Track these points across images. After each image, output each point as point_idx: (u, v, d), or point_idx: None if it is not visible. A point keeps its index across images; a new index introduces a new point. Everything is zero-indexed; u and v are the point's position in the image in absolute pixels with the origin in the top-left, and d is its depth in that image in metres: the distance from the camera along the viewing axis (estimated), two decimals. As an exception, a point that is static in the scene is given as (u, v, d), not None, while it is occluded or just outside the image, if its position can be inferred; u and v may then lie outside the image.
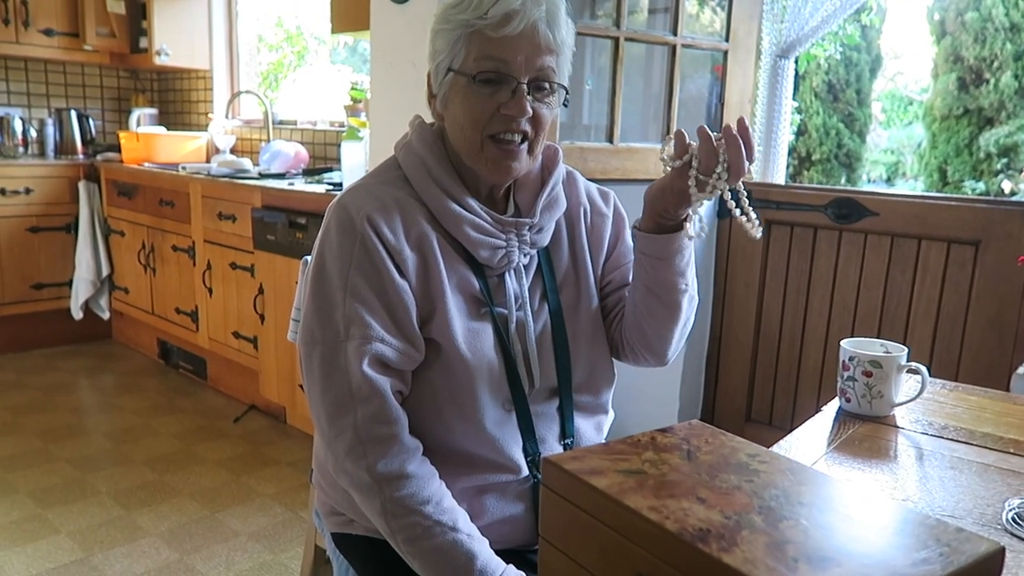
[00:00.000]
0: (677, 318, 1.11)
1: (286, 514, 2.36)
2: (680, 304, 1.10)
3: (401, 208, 1.02)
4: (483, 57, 0.98)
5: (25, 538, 2.18)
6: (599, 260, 1.17)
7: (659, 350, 1.15)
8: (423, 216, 1.03)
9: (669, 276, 1.06)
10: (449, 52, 1.01)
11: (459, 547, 0.95)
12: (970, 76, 5.81)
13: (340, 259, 0.99)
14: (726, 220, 2.58)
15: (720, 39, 2.42)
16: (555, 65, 1.01)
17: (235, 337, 3.12)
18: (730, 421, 2.66)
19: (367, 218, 0.99)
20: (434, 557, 0.95)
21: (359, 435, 0.96)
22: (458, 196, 1.04)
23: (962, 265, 2.14)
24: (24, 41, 3.83)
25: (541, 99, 1.01)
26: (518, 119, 0.99)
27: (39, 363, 3.75)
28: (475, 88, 0.99)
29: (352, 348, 0.97)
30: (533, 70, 0.99)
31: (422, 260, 1.01)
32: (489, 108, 0.99)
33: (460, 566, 0.94)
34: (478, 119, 1.00)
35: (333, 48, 4.60)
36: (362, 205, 1.01)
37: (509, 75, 0.98)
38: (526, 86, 0.99)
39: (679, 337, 1.15)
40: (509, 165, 1.02)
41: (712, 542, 0.58)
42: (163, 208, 3.48)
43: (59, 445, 2.81)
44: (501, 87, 0.99)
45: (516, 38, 0.97)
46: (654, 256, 1.05)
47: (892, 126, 7.55)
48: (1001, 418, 1.16)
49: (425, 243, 1.01)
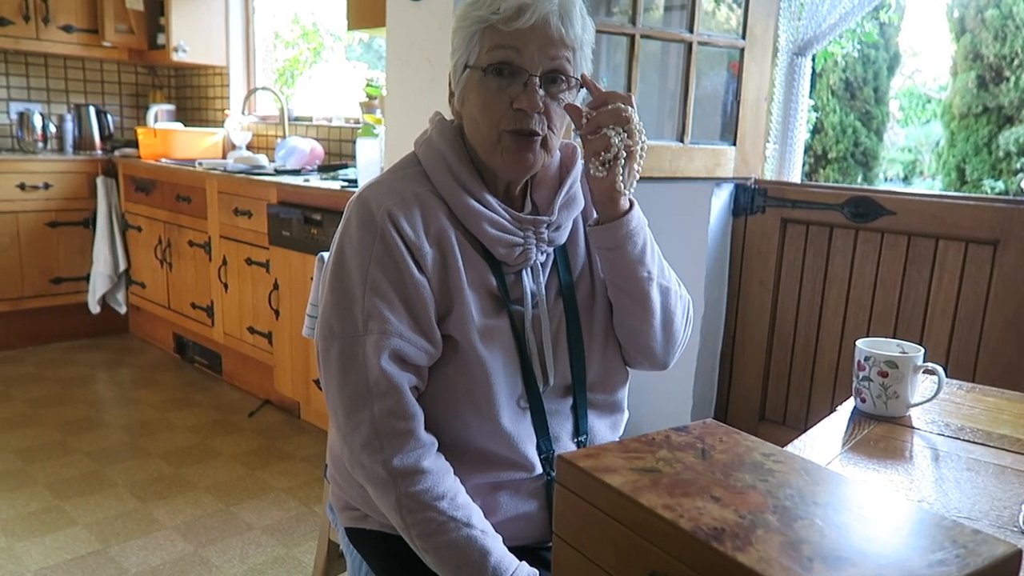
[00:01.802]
0: (650, 311, 1.10)
1: (300, 508, 2.38)
2: (648, 294, 1.09)
3: (421, 204, 1.02)
4: (495, 48, 0.99)
5: (43, 529, 2.21)
6: None
7: (648, 350, 1.14)
8: (442, 212, 1.03)
9: (626, 266, 1.07)
10: (465, 49, 1.02)
11: (473, 543, 0.95)
12: (990, 74, 5.74)
13: (360, 254, 1.00)
14: (741, 218, 2.57)
15: (736, 36, 2.40)
16: (570, 59, 1.01)
17: (250, 332, 3.14)
18: (744, 420, 2.65)
19: (387, 213, 1.00)
20: (448, 553, 0.96)
21: (376, 429, 0.96)
22: (477, 193, 1.04)
23: (980, 265, 2.12)
24: (44, 37, 3.87)
25: (555, 94, 1.01)
26: (530, 114, 0.99)
27: (57, 356, 3.79)
28: (488, 81, 1.00)
29: (371, 343, 0.97)
30: (546, 62, 0.99)
31: (441, 256, 1.02)
32: (503, 102, 1.00)
33: (474, 562, 0.95)
34: (492, 114, 1.00)
35: (349, 45, 4.61)
36: (383, 200, 1.01)
37: (521, 67, 0.98)
38: (538, 79, 0.99)
39: (665, 336, 1.13)
40: (524, 158, 1.02)
41: (727, 541, 0.58)
42: (180, 204, 3.51)
43: (77, 437, 2.84)
44: (514, 80, 0.99)
45: (528, 31, 0.97)
46: (606, 248, 1.06)
47: (910, 124, 7.48)
48: (1019, 420, 1.15)
49: (444, 239, 1.02)
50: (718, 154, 2.44)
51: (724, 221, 2.58)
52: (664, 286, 1.11)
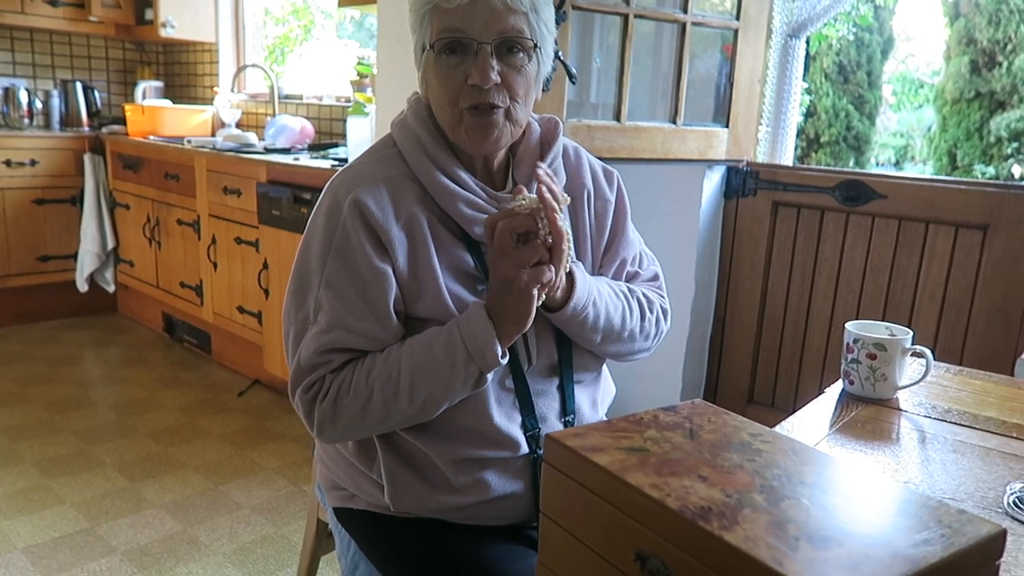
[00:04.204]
0: (617, 353, 1.14)
1: (289, 488, 2.38)
2: (607, 352, 1.13)
3: (392, 188, 1.03)
4: (442, 30, 0.98)
5: (31, 507, 2.20)
6: (600, 246, 1.16)
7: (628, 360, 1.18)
8: (415, 195, 1.03)
9: (581, 339, 1.08)
10: (420, 31, 1.03)
11: (425, 338, 0.99)
12: (983, 59, 5.74)
13: (322, 243, 1.02)
14: (732, 201, 2.57)
15: (731, 18, 2.39)
16: (525, 25, 0.99)
17: (240, 312, 3.13)
18: (733, 402, 2.67)
19: (354, 201, 1.00)
20: (424, 364, 0.97)
21: (304, 400, 1.02)
22: (452, 172, 1.04)
23: (970, 250, 2.13)
24: (30, 11, 3.81)
25: (515, 64, 1.00)
26: (484, 87, 0.98)
27: (45, 335, 3.77)
28: (442, 60, 1.00)
29: (313, 332, 1.01)
30: (495, 33, 0.97)
31: (411, 240, 1.02)
32: (459, 79, 0.99)
33: (442, 344, 0.97)
34: (450, 92, 1.00)
35: (340, 22, 4.56)
36: (352, 186, 1.02)
37: (469, 39, 0.97)
38: (490, 47, 0.98)
39: (638, 349, 1.16)
40: (488, 133, 1.01)
41: (713, 520, 0.58)
42: (168, 182, 3.47)
43: (65, 416, 2.83)
44: (466, 56, 0.99)
45: (469, 6, 0.96)
46: (559, 326, 1.07)
47: (902, 109, 7.48)
48: (1005, 403, 1.16)
49: (415, 224, 1.02)
50: (711, 136, 2.43)
51: (716, 203, 2.58)
52: (622, 334, 1.10)
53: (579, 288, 1.02)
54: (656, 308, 1.17)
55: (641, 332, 1.13)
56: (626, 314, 1.11)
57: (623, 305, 1.11)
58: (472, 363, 0.96)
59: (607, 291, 1.09)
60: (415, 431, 1.03)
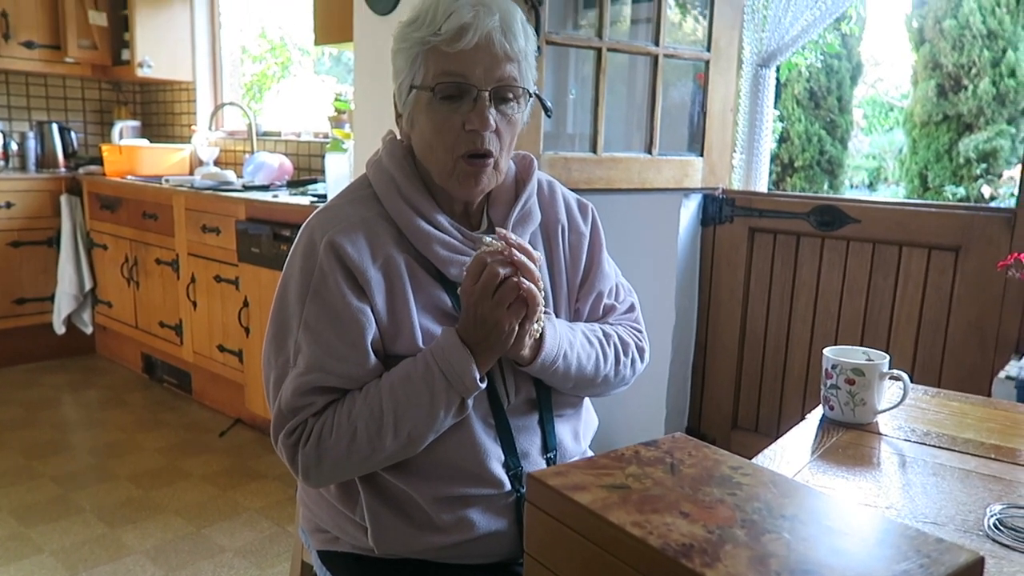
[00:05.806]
0: (592, 395, 1.17)
1: (273, 528, 2.35)
2: (581, 395, 1.15)
3: (368, 229, 1.03)
4: (442, 73, 0.99)
5: (8, 557, 2.15)
6: (575, 280, 1.17)
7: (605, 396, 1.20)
8: (391, 236, 1.04)
9: (554, 386, 1.10)
10: (409, 70, 1.02)
11: (403, 370, 0.99)
12: (949, 83, 5.87)
13: (300, 285, 1.02)
14: (709, 228, 2.60)
15: (702, 49, 2.43)
16: (516, 73, 1.01)
17: (220, 350, 3.10)
18: (717, 428, 2.67)
19: (330, 243, 1.00)
20: (405, 397, 0.97)
21: (286, 445, 1.01)
22: (427, 214, 1.04)
23: (943, 271, 2.17)
24: (5, 54, 3.80)
25: (504, 112, 1.02)
26: (482, 133, 0.99)
27: (22, 378, 3.71)
28: (438, 104, 1.00)
29: (292, 376, 1.00)
30: (493, 80, 0.99)
31: (388, 282, 1.02)
32: (455, 125, 1.00)
33: (419, 375, 0.97)
34: (446, 139, 1.01)
35: (318, 58, 4.60)
36: (327, 228, 1.02)
37: (469, 85, 0.99)
38: (488, 95, 0.99)
39: (614, 390, 1.17)
40: (478, 182, 1.03)
41: (695, 557, 0.58)
42: (146, 221, 3.46)
43: (42, 462, 2.78)
44: (463, 100, 1.00)
45: (472, 51, 0.97)
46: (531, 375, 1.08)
47: (874, 132, 7.62)
48: (982, 423, 1.17)
49: (391, 265, 1.02)
50: (686, 165, 2.46)
51: (693, 231, 2.60)
52: (590, 378, 1.11)
53: (548, 343, 1.03)
54: (632, 350, 1.17)
55: (616, 376, 1.14)
56: (600, 362, 1.11)
57: (596, 353, 1.11)
58: (452, 390, 0.96)
59: (580, 339, 1.09)
60: (397, 471, 1.03)
